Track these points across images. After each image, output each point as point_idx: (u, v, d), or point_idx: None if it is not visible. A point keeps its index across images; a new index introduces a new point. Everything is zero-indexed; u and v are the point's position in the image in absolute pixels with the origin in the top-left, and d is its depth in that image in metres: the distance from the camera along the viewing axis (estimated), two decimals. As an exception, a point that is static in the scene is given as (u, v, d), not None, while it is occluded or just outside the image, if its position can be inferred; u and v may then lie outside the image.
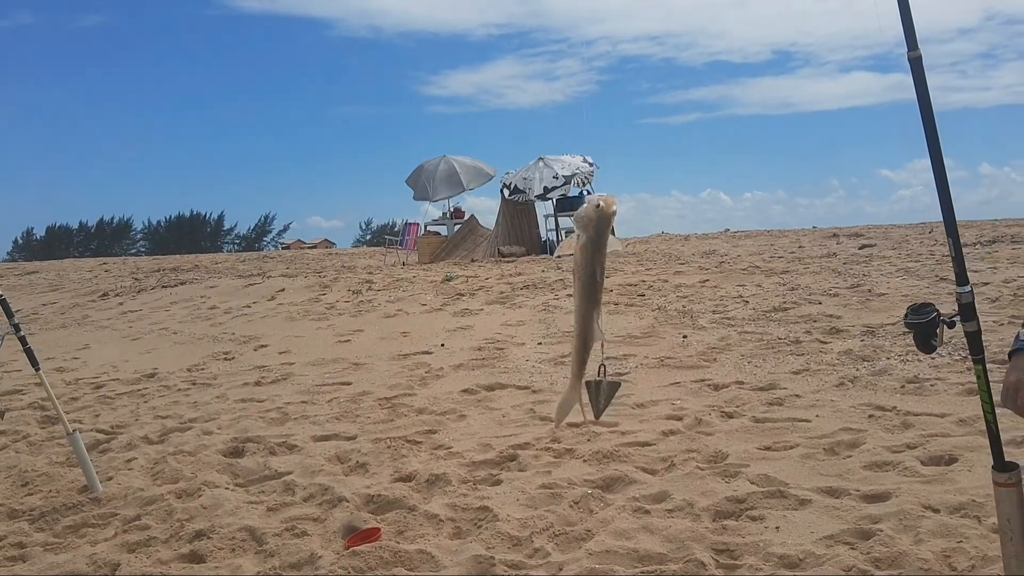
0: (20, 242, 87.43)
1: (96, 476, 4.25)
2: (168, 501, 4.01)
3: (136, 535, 3.64)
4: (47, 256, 58.36)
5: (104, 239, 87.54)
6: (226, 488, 4.19)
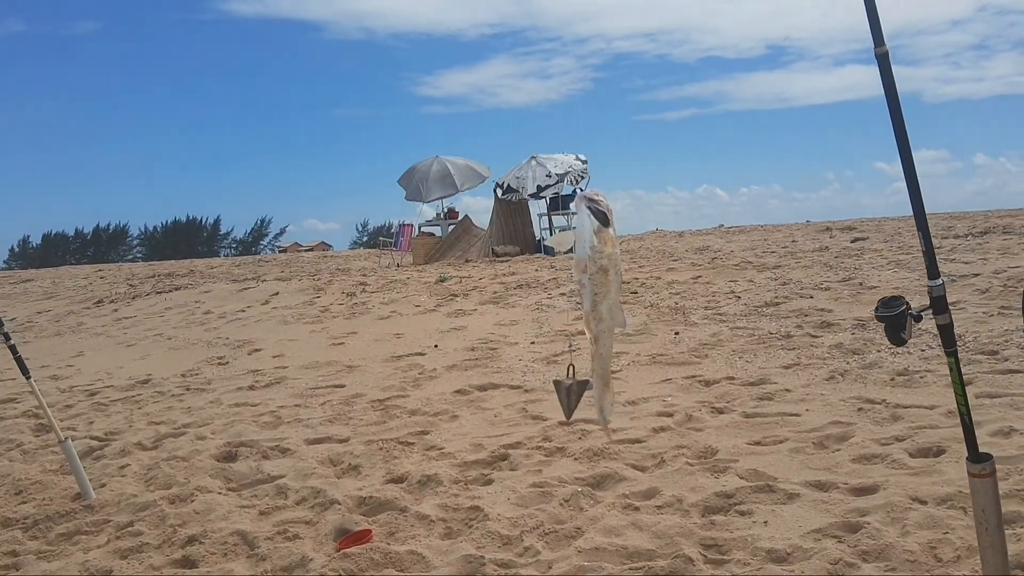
0: (16, 250, 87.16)
1: (89, 483, 4.26)
2: (161, 507, 4.02)
3: (128, 541, 3.65)
4: (43, 264, 58.21)
5: (100, 246, 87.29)
6: (219, 493, 4.21)
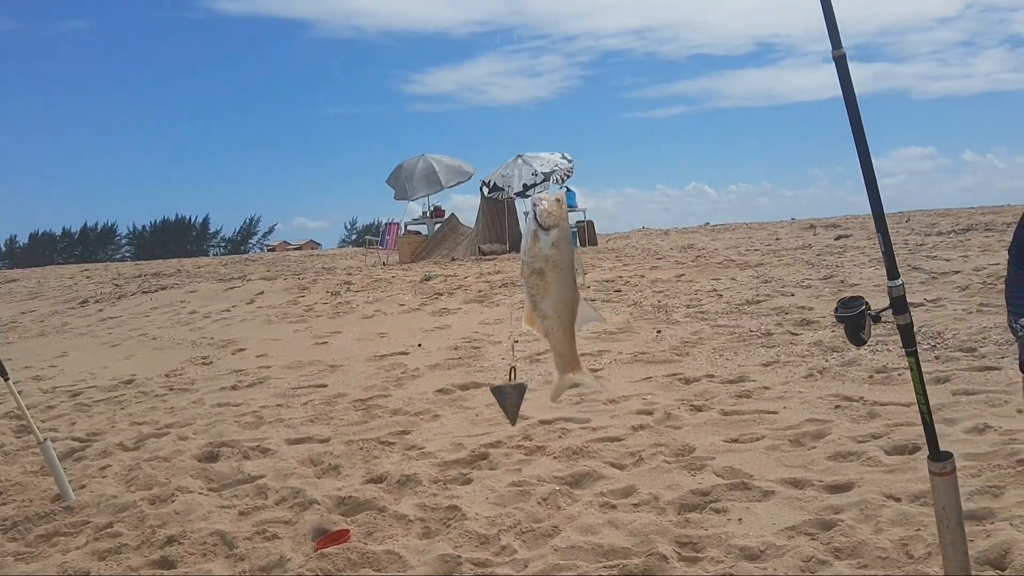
0: (3, 249, 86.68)
1: (68, 484, 4.26)
2: (141, 508, 4.02)
3: (107, 542, 3.65)
4: (31, 263, 57.72)
5: (88, 245, 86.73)
6: (199, 493, 4.21)
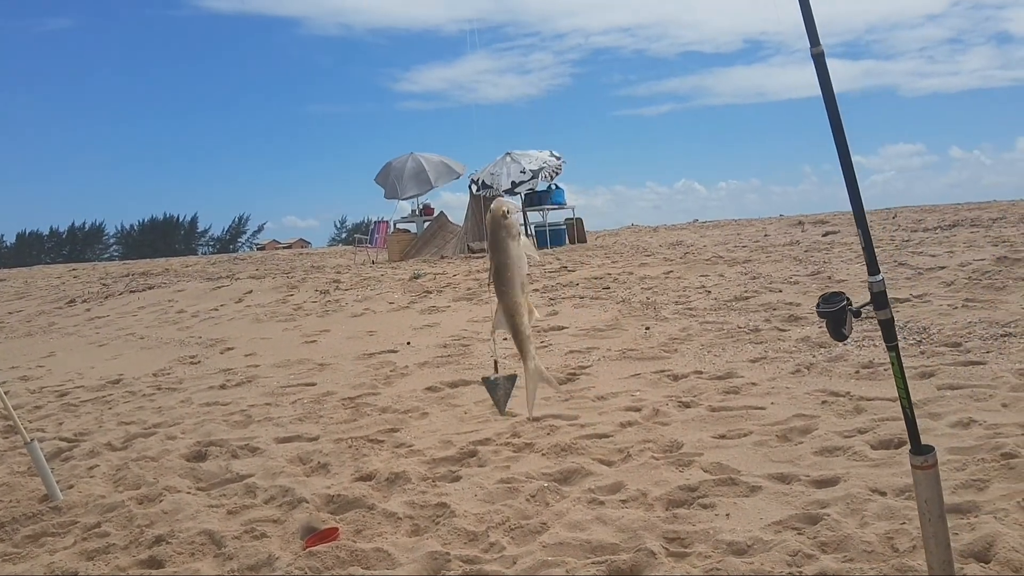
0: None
1: (56, 485, 4.24)
2: (129, 508, 4.01)
3: (95, 543, 3.64)
4: (17, 263, 57.39)
5: (76, 244, 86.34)
6: (188, 492, 4.20)
